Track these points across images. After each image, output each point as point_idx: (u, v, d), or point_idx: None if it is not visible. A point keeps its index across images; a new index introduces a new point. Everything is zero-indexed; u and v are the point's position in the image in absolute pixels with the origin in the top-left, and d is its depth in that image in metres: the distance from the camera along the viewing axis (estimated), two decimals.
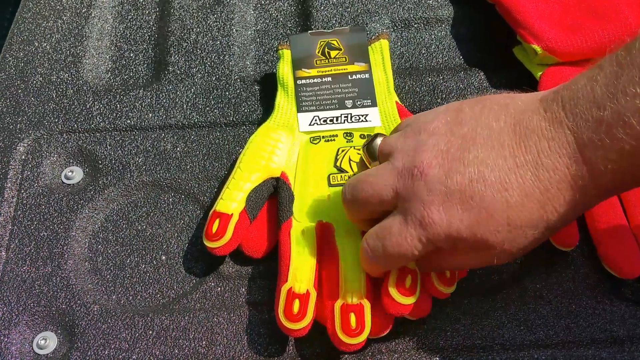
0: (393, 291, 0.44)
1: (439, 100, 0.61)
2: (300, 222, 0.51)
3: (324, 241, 0.50)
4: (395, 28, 0.67)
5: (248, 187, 0.52)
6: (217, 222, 0.50)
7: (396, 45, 0.66)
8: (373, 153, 0.47)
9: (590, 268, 0.52)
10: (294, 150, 0.55)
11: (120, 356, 0.48)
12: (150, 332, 0.49)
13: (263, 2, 0.70)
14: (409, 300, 0.45)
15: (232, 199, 0.51)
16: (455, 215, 0.40)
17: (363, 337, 0.45)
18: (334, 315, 0.46)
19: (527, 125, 0.40)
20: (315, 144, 0.55)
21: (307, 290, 0.47)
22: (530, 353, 0.48)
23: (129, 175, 0.57)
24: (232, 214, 0.50)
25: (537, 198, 0.39)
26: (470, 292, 0.51)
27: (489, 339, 0.49)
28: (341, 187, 0.52)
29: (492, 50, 0.65)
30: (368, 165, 0.48)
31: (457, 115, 0.43)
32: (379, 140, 0.47)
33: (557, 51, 0.58)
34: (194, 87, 0.63)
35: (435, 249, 0.42)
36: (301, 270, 0.48)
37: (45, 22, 0.68)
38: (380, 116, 0.57)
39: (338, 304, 0.46)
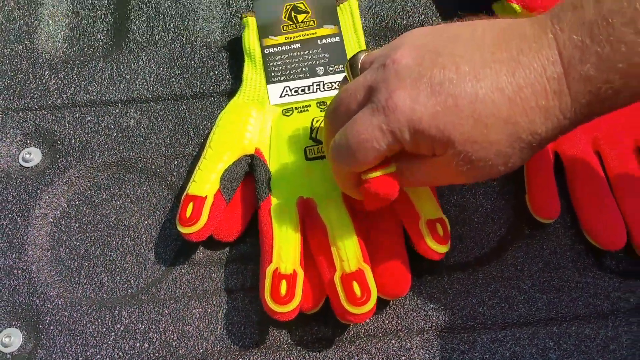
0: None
1: None
2: (279, 199, 0.49)
3: (306, 216, 0.48)
4: None
5: (221, 167, 0.49)
6: (190, 205, 0.47)
7: (370, 5, 0.63)
8: (355, 69, 0.44)
9: (572, 240, 0.50)
10: (267, 124, 0.53)
11: (88, 352, 0.47)
12: (119, 325, 0.48)
13: None
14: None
15: (206, 181, 0.48)
16: (419, 101, 0.37)
17: (371, 303, 0.43)
18: (336, 288, 0.44)
19: (512, 32, 0.38)
20: (288, 116, 0.53)
21: (294, 270, 0.45)
22: (512, 332, 0.47)
23: (90, 155, 0.54)
24: (206, 196, 0.48)
25: (509, 95, 0.36)
26: (449, 269, 0.50)
27: (469, 318, 0.48)
28: (318, 160, 0.50)
29: (471, 7, 0.62)
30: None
31: (444, 25, 0.41)
32: (361, 55, 0.44)
33: (536, 8, 0.56)
34: (157, 56, 0.59)
35: (400, 148, 0.39)
36: (285, 249, 0.46)
37: None
38: None
39: (337, 276, 0.44)
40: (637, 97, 0.36)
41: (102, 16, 0.62)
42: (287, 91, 0.54)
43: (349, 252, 0.44)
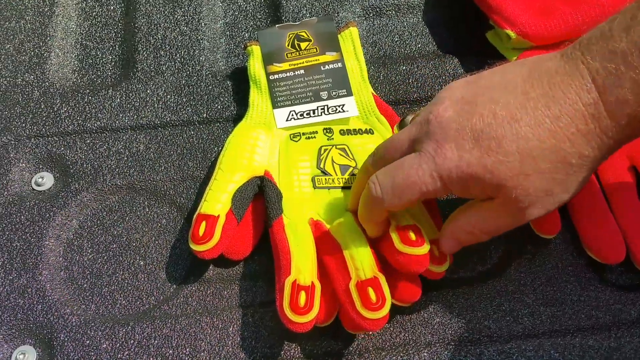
0: (401, 247, 0.44)
1: (413, 89, 0.60)
2: (292, 218, 0.50)
3: (318, 235, 0.49)
4: (367, 16, 0.66)
5: (232, 188, 0.50)
6: (203, 224, 0.48)
7: (369, 34, 0.65)
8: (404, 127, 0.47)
9: (573, 255, 0.52)
10: (275, 148, 0.54)
11: None
12: (132, 341, 0.48)
13: None
14: (422, 250, 0.44)
15: (217, 201, 0.50)
16: (466, 149, 0.40)
17: (386, 309, 0.44)
18: (351, 295, 0.44)
19: (542, 69, 0.40)
20: (296, 141, 0.54)
21: (312, 282, 0.46)
22: (517, 344, 0.48)
23: (101, 179, 0.56)
24: (218, 215, 0.49)
25: (548, 127, 0.39)
26: (454, 284, 0.51)
27: (476, 331, 0.49)
28: (327, 190, 0.51)
29: (465, 36, 0.64)
30: None
31: (477, 75, 0.44)
32: (410, 116, 0.48)
33: (530, 35, 0.58)
34: (165, 85, 0.61)
35: (446, 192, 0.42)
36: (303, 262, 0.47)
37: (7, 23, 0.66)
38: (357, 105, 0.56)
39: (352, 283, 0.45)
40: None
41: (110, 48, 0.64)
42: (292, 115, 0.56)
43: (363, 261, 0.45)
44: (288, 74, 0.58)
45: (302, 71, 0.58)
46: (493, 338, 0.48)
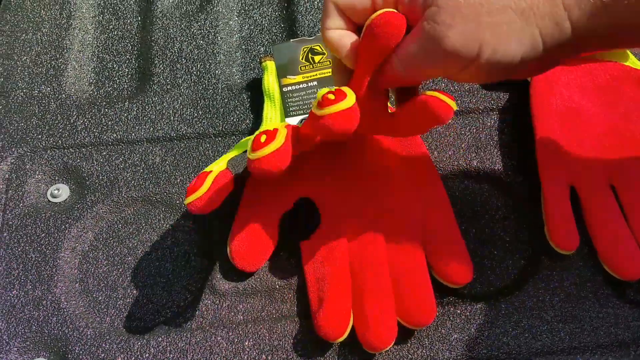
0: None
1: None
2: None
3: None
4: None
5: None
6: (195, 179, 0.46)
7: None
8: None
9: (591, 271, 0.51)
10: None
11: None
12: (147, 355, 0.48)
13: (247, 7, 0.68)
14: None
15: (214, 164, 0.48)
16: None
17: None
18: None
19: None
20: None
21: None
22: None
23: (117, 191, 0.55)
24: (211, 171, 0.46)
25: None
26: (472, 300, 0.50)
27: (494, 348, 0.48)
28: None
29: None
30: None
31: None
32: None
33: None
34: (181, 98, 0.61)
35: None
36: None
37: (24, 35, 0.66)
38: None
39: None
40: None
41: (127, 61, 0.64)
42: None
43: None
44: (301, 86, 0.58)
45: (315, 82, 0.58)
46: (512, 355, 0.48)
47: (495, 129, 0.58)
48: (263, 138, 0.43)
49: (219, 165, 0.48)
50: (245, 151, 0.48)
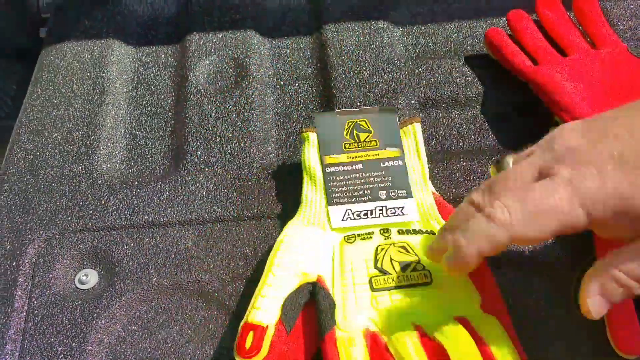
0: None
1: (475, 187, 0.57)
2: (345, 331, 0.46)
3: (375, 351, 0.45)
4: (423, 108, 0.64)
5: (283, 295, 0.47)
6: (250, 335, 0.45)
7: (425, 126, 0.63)
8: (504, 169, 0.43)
9: None
10: (328, 250, 0.51)
11: None
12: None
13: (282, 83, 0.67)
14: None
15: (266, 309, 0.46)
16: (608, 172, 0.36)
17: None
18: None
19: None
20: (351, 243, 0.51)
21: None
22: None
23: (147, 278, 0.53)
24: (267, 326, 0.45)
25: None
26: None
27: None
28: (385, 292, 0.48)
29: (527, 130, 0.61)
30: None
31: (591, 117, 0.40)
32: (509, 157, 0.44)
33: None
34: (214, 178, 0.59)
35: (584, 226, 0.37)
36: None
37: (55, 111, 0.65)
38: (418, 209, 0.53)
39: None
40: None
41: (160, 138, 0.63)
42: (349, 214, 0.53)
43: None
44: (346, 168, 0.55)
45: (360, 166, 0.55)
46: None
47: None
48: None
49: (271, 312, 0.46)
50: (297, 294, 0.48)
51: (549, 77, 0.59)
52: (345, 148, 0.56)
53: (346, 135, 0.57)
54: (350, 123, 0.57)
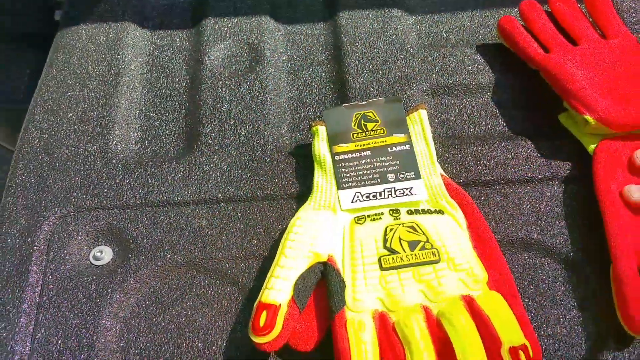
0: None
1: (486, 171, 0.58)
2: (355, 311, 0.47)
3: (382, 333, 0.46)
4: (435, 94, 0.65)
5: (295, 275, 0.48)
6: (264, 314, 0.45)
7: (437, 112, 0.63)
8: None
9: None
10: (339, 232, 0.52)
11: None
12: None
13: (296, 68, 0.67)
14: None
15: (279, 288, 0.47)
16: None
17: None
18: None
19: None
20: (361, 224, 0.52)
21: None
22: None
23: (161, 255, 0.54)
24: (280, 305, 0.46)
25: None
26: None
27: None
28: (394, 271, 0.48)
29: (537, 117, 0.62)
30: None
31: None
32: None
33: (611, 122, 0.55)
34: (229, 159, 0.60)
35: None
36: None
37: (70, 91, 0.65)
38: (426, 189, 0.54)
39: None
40: None
41: (174, 120, 0.63)
42: (358, 196, 0.54)
43: None
44: (354, 155, 0.56)
45: (368, 152, 0.56)
46: None
47: (555, 200, 0.55)
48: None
49: (283, 291, 0.47)
50: (309, 274, 0.49)
51: (560, 65, 0.60)
52: (353, 137, 0.57)
53: (354, 126, 0.57)
54: (358, 115, 0.58)
